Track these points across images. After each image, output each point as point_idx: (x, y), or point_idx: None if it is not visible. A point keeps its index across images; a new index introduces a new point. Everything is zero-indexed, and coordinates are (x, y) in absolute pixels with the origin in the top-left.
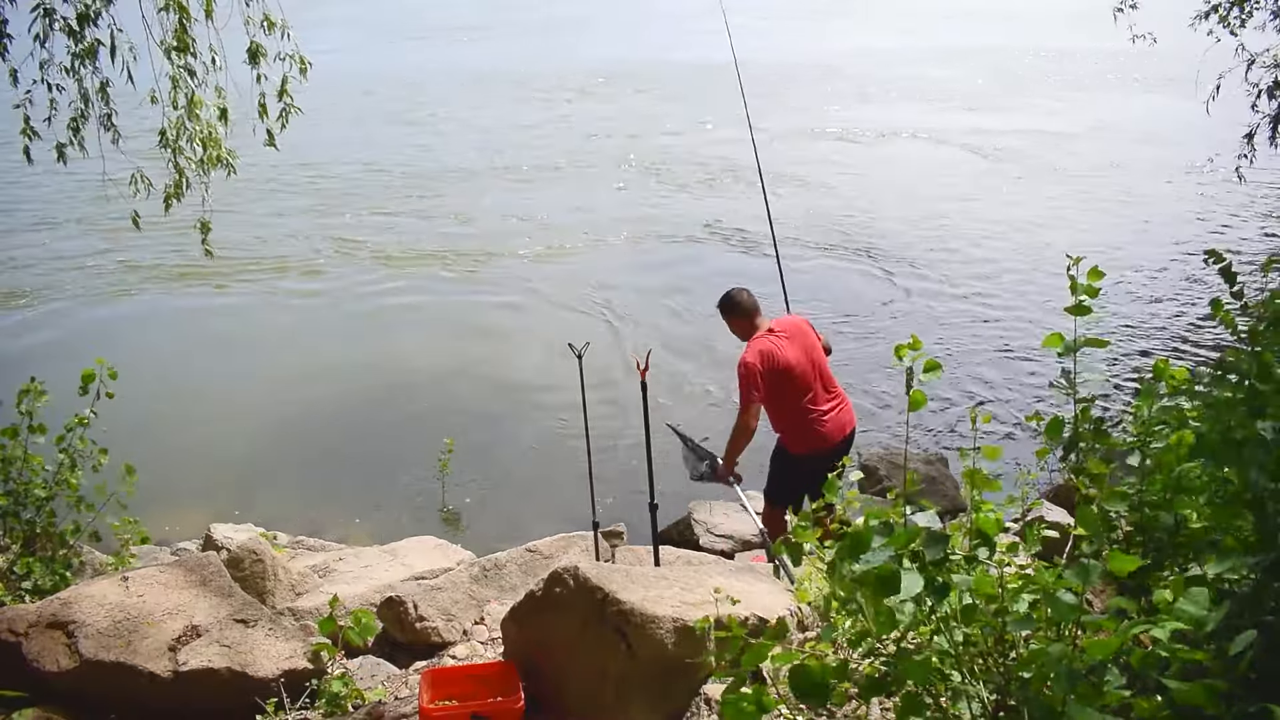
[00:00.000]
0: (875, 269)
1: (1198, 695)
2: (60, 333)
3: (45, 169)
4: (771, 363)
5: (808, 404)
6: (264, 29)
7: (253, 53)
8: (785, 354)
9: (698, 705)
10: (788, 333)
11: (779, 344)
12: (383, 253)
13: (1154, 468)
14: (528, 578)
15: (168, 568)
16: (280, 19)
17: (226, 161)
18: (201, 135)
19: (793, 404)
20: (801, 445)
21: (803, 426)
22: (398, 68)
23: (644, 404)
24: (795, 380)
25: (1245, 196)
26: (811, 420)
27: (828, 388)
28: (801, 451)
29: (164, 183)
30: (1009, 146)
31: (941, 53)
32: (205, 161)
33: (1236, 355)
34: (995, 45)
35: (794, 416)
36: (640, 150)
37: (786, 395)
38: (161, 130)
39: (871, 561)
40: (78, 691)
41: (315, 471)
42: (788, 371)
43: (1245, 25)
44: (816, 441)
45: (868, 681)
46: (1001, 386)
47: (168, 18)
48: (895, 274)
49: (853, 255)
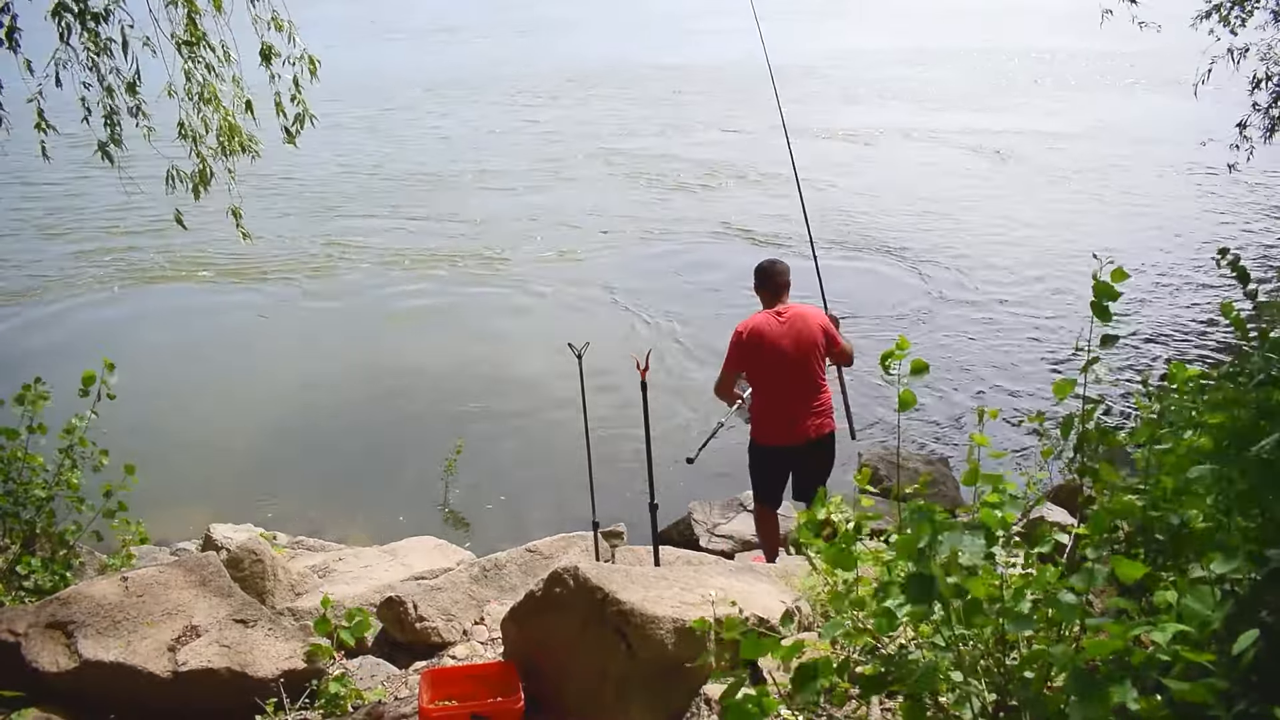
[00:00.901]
0: (883, 266)
1: (1198, 695)
2: (61, 331)
3: (58, 166)
4: (752, 338)
5: (780, 395)
6: (272, 27)
7: (265, 53)
8: (770, 337)
9: (698, 705)
10: (789, 320)
11: (771, 325)
12: (382, 254)
13: (1159, 468)
14: (528, 578)
15: (167, 568)
16: (287, 20)
17: (249, 148)
18: (221, 124)
19: (766, 390)
20: (765, 436)
21: (769, 416)
22: (395, 68)
23: (644, 404)
24: (769, 366)
25: (1246, 191)
26: (778, 413)
27: (810, 388)
28: (765, 442)
29: (189, 172)
30: (1006, 146)
31: (933, 54)
32: (228, 149)
33: (1247, 356)
34: (984, 47)
35: (765, 403)
36: (630, 152)
37: (761, 379)
38: (180, 121)
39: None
40: (77, 692)
41: (315, 471)
42: (762, 354)
43: (1246, 24)
44: (780, 436)
45: (867, 681)
46: (1004, 386)
47: (175, 12)
48: (901, 270)
49: (860, 252)
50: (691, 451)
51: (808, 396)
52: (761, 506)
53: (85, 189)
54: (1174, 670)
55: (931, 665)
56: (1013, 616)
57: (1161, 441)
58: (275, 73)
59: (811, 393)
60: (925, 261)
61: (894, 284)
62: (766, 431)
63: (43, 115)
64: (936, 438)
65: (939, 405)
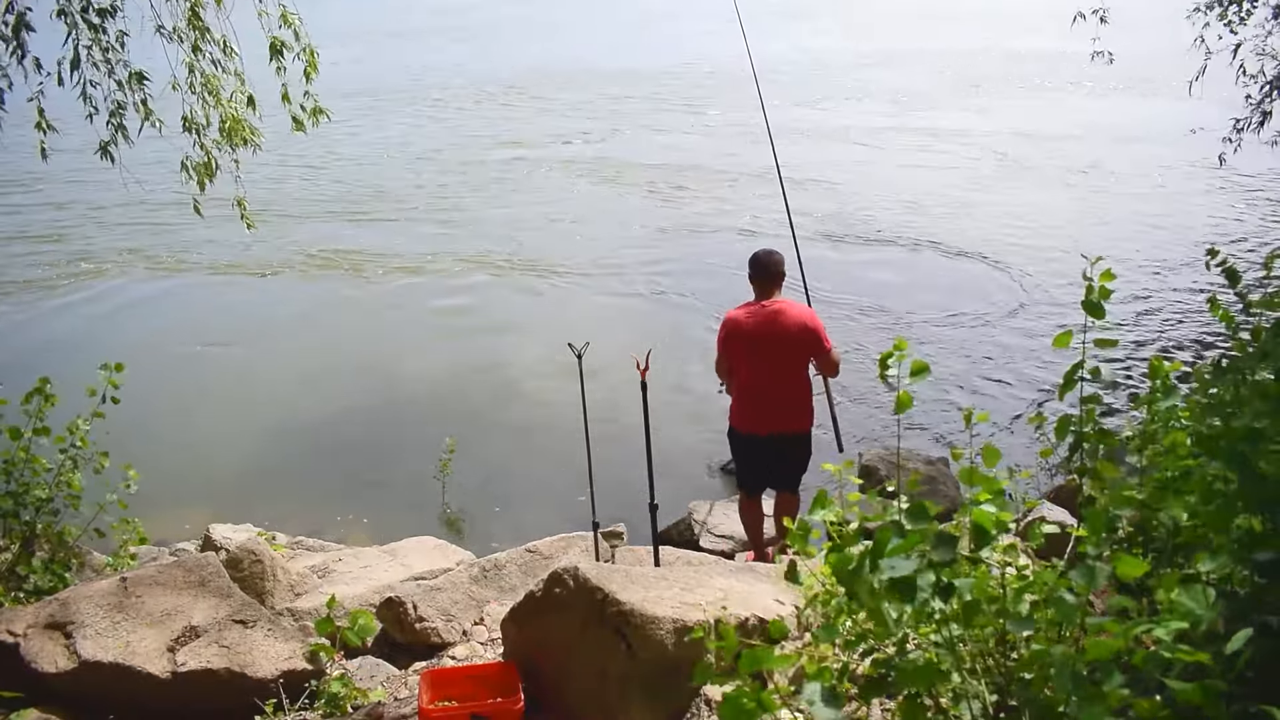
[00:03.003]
0: (883, 265)
1: (1198, 695)
2: (61, 330)
3: (57, 161)
4: (728, 326)
5: (748, 385)
6: (281, 24)
7: (275, 48)
8: (745, 327)
9: (698, 705)
10: (768, 313)
11: (748, 316)
12: (380, 255)
13: (1152, 467)
14: (527, 578)
15: (166, 568)
16: (295, 16)
17: (250, 140)
18: (225, 117)
19: (738, 378)
20: (737, 420)
21: (739, 402)
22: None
23: (644, 404)
24: (741, 356)
25: (1239, 190)
26: (745, 400)
27: (778, 381)
28: (738, 427)
29: (194, 163)
30: (978, 146)
31: (898, 55)
32: (232, 141)
33: (1242, 347)
34: (955, 48)
35: (737, 390)
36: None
37: (735, 367)
38: (184, 116)
39: (897, 570)
40: (76, 692)
41: (314, 471)
42: (736, 343)
43: (1245, 22)
44: (749, 422)
45: (868, 682)
46: (1004, 388)
47: (179, 6)
48: (903, 270)
49: (860, 247)
50: (713, 459)
51: (774, 390)
52: (741, 491)
53: (87, 180)
54: (1174, 670)
55: (929, 662)
56: (1013, 617)
57: (1154, 439)
58: (282, 66)
59: (779, 386)
60: (926, 259)
61: (894, 285)
62: (736, 416)
63: (43, 114)
64: (937, 440)
65: (940, 406)
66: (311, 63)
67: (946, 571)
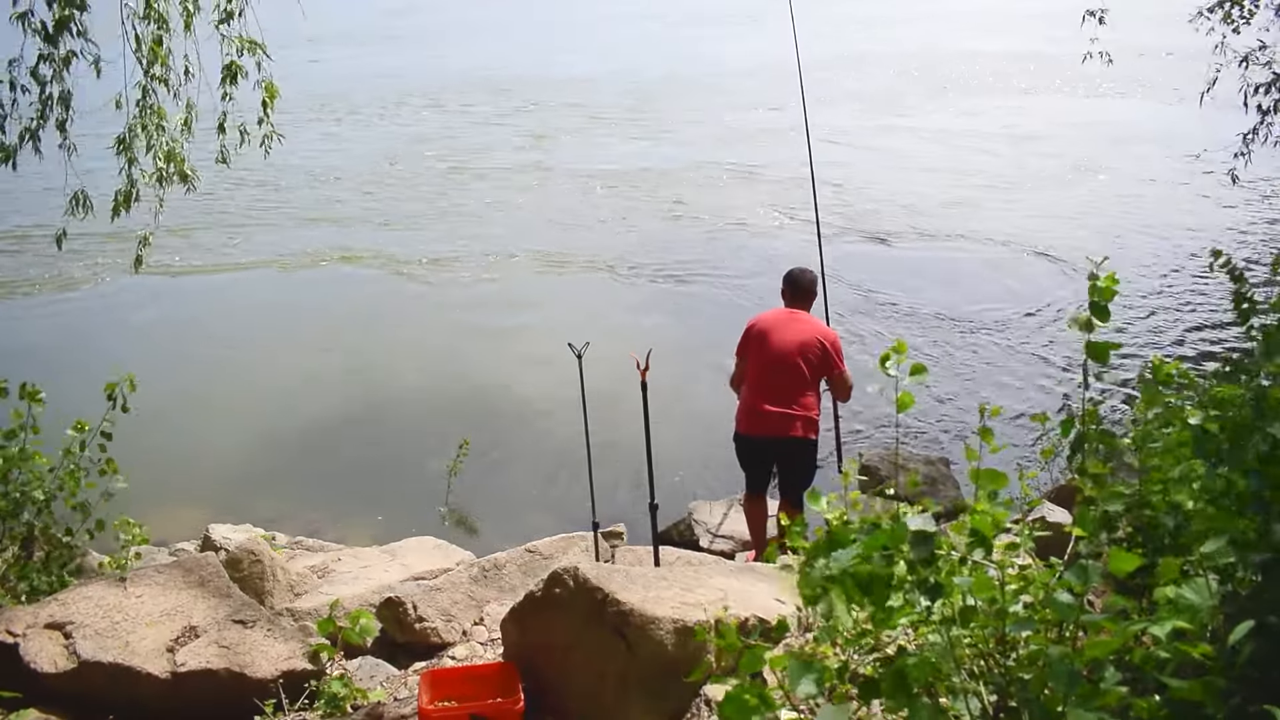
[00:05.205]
0: (884, 262)
1: (1196, 693)
2: (61, 327)
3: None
4: (756, 326)
5: (755, 384)
6: (245, 51)
7: (231, 72)
8: (769, 325)
9: (698, 706)
10: (792, 319)
11: (774, 317)
12: (378, 256)
13: (1153, 466)
14: (527, 578)
15: (166, 568)
16: (260, 46)
17: (186, 175)
18: (163, 149)
19: (749, 377)
20: (739, 421)
21: (745, 402)
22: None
23: (644, 404)
24: (756, 354)
25: (1243, 194)
26: (751, 401)
27: (785, 385)
28: (739, 428)
29: (116, 189)
30: (969, 146)
31: (866, 58)
32: (164, 176)
33: (1253, 346)
34: (921, 49)
35: (745, 390)
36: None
37: (749, 366)
38: (119, 138)
39: (839, 561)
40: (75, 692)
41: (314, 472)
42: (753, 341)
43: (1249, 23)
44: (747, 424)
45: (867, 683)
46: (1007, 387)
47: (146, 27)
48: (908, 269)
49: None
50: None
51: (779, 393)
52: (746, 492)
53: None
54: (1168, 669)
55: (927, 661)
56: (1012, 617)
57: (1153, 439)
58: (229, 93)
59: (784, 391)
60: (929, 257)
61: (896, 284)
62: (738, 417)
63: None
64: (937, 440)
65: (942, 407)
66: (270, 92)
67: (940, 572)
